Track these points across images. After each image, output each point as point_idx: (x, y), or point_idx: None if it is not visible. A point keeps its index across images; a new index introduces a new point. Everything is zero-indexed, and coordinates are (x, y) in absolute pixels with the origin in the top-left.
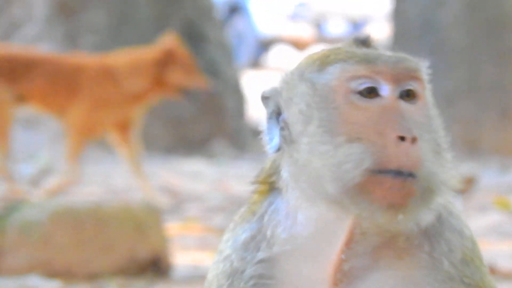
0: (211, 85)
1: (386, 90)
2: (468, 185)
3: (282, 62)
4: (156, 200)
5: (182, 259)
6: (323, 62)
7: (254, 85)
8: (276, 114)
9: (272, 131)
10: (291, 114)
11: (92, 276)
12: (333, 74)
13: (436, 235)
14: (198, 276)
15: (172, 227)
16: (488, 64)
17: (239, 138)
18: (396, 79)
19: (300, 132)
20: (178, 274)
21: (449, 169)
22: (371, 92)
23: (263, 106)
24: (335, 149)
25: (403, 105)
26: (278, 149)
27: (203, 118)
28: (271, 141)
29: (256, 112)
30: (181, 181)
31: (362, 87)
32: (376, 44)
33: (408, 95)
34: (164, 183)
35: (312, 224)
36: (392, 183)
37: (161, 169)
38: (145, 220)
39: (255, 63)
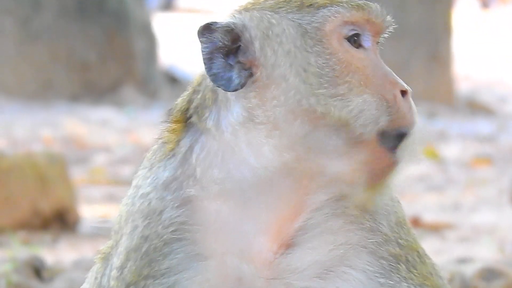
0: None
1: (369, 41)
2: None
3: (195, 4)
4: None
5: (88, 212)
6: (311, 4)
7: (166, 27)
8: (226, 51)
9: (222, 68)
10: (267, 54)
11: None
12: (327, 17)
13: None
14: (106, 230)
15: (78, 179)
16: (416, 4)
17: (150, 84)
18: (379, 31)
19: (285, 74)
20: (84, 228)
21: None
22: (356, 42)
23: (202, 40)
24: (349, 96)
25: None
26: (237, 88)
27: (110, 63)
28: (224, 79)
29: (169, 56)
30: (87, 130)
31: (351, 33)
32: None
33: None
34: (69, 133)
35: (267, 173)
36: (389, 159)
37: (66, 117)
38: (49, 171)
39: (167, 5)
